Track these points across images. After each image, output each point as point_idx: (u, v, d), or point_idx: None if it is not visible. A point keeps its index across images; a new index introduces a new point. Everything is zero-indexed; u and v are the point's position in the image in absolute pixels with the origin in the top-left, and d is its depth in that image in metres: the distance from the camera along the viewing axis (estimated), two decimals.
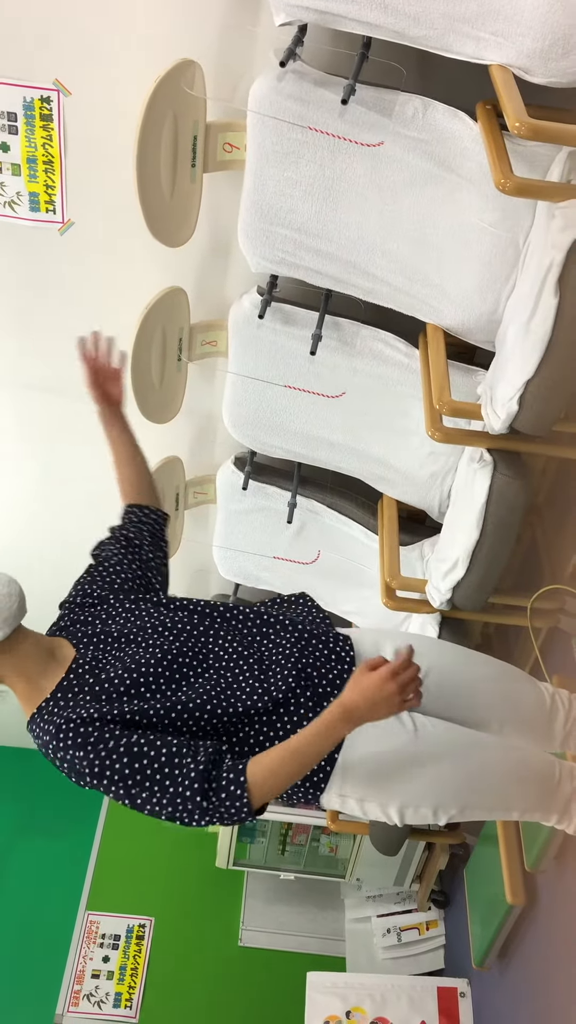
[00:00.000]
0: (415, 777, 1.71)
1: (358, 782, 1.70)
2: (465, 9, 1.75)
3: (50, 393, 2.86)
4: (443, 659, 1.88)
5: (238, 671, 1.71)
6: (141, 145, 1.95)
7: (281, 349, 2.39)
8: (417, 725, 1.74)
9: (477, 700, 1.87)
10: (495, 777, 1.79)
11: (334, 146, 2.00)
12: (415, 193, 2.03)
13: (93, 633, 1.74)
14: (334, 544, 2.81)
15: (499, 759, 1.80)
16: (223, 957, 3.74)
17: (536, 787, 1.83)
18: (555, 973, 2.43)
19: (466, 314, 2.15)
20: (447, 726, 1.77)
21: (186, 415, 2.71)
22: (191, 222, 2.21)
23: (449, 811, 1.74)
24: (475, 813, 1.78)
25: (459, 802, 1.74)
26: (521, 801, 1.83)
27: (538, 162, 1.90)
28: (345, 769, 1.68)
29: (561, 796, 1.84)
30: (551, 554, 2.51)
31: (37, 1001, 3.61)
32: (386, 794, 1.71)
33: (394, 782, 1.71)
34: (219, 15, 2.05)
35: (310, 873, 3.70)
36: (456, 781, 1.74)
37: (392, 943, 3.56)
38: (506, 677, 1.94)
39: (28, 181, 2.37)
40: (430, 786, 1.72)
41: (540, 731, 1.92)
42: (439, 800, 1.73)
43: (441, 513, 2.55)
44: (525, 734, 1.91)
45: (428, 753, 1.72)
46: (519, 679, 1.95)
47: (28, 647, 1.65)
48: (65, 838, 4.04)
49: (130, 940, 3.78)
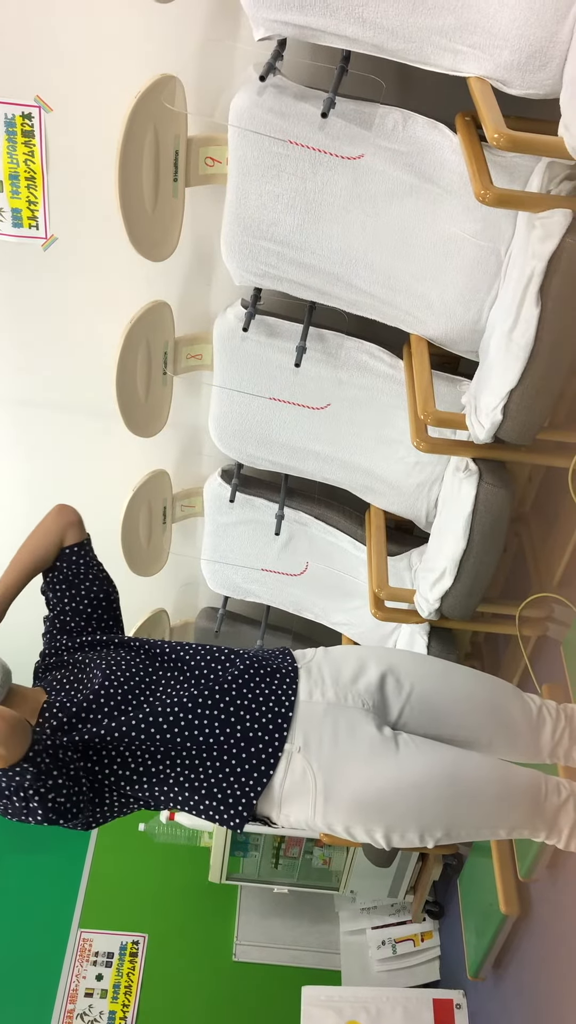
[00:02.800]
0: (398, 804, 1.72)
1: (342, 810, 1.70)
2: (443, 22, 1.76)
3: (34, 407, 2.85)
4: (427, 677, 1.87)
5: (172, 701, 1.73)
6: (123, 160, 1.95)
7: (266, 362, 2.40)
8: (400, 749, 1.73)
9: (462, 717, 1.86)
10: (480, 799, 1.79)
11: (315, 159, 2.01)
12: (396, 205, 2.04)
13: (58, 679, 1.79)
14: (322, 555, 2.81)
15: (483, 781, 1.79)
16: (217, 973, 3.71)
17: (522, 805, 1.82)
18: (550, 982, 2.42)
19: (449, 324, 2.16)
20: (431, 747, 1.77)
21: (172, 428, 2.71)
22: (174, 236, 2.22)
23: (435, 834, 1.74)
24: (462, 834, 1.79)
25: (444, 825, 1.75)
26: (507, 820, 1.83)
27: (518, 173, 1.92)
28: (328, 798, 1.68)
29: (548, 812, 1.84)
30: (538, 562, 2.52)
31: (30, 1021, 3.58)
32: (371, 821, 1.71)
33: (378, 809, 1.71)
34: (199, 30, 2.06)
35: (304, 886, 3.68)
36: (440, 806, 1.74)
37: (387, 955, 3.54)
38: (491, 691, 1.93)
39: (11, 197, 2.37)
40: (414, 812, 1.72)
41: (527, 744, 1.91)
42: (424, 825, 1.73)
43: (428, 523, 2.55)
44: (512, 748, 1.90)
45: (411, 780, 1.72)
46: (504, 692, 1.94)
47: (26, 713, 1.67)
48: (57, 855, 4.01)
49: (123, 957, 3.75)
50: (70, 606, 1.87)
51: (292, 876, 3.66)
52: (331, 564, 2.82)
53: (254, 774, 1.69)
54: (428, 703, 1.83)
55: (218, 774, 1.69)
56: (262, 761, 1.70)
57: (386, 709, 1.81)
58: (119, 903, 3.89)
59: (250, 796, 1.69)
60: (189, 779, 1.70)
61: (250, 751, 1.70)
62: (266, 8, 1.82)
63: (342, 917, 3.75)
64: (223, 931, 3.81)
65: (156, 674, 1.77)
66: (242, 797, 1.69)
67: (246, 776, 1.69)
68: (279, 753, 1.70)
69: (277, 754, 1.70)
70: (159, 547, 2.98)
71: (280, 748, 1.70)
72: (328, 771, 1.69)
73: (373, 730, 1.73)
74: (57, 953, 3.75)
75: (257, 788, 1.69)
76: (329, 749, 1.70)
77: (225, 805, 1.70)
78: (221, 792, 1.70)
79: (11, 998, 3.64)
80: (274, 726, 1.71)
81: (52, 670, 1.84)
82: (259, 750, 1.70)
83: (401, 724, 1.82)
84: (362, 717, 1.75)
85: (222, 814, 1.70)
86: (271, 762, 1.69)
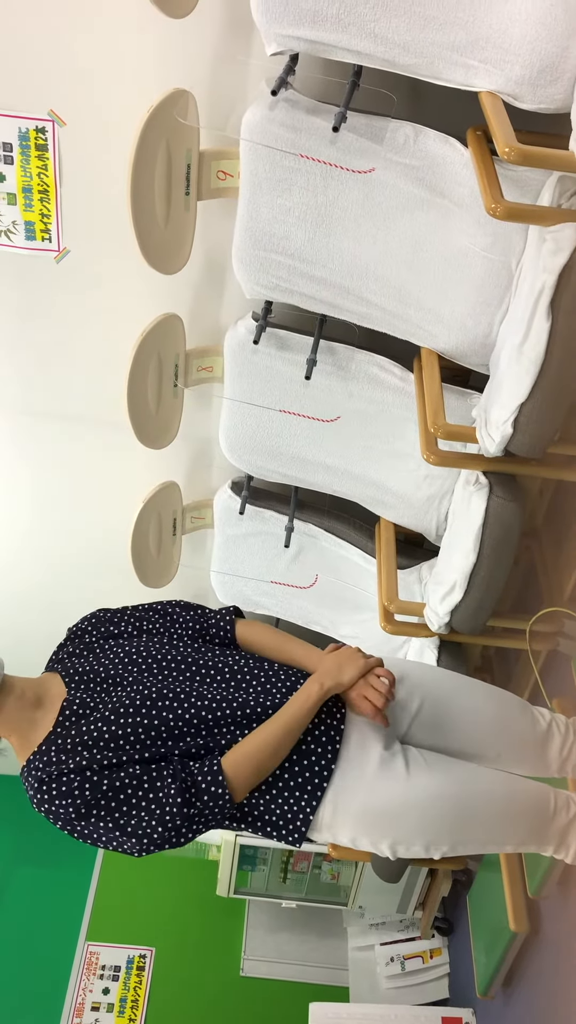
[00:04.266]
0: (406, 818, 1.71)
1: (348, 822, 1.68)
2: (454, 37, 1.77)
3: (45, 419, 2.86)
4: (437, 690, 1.86)
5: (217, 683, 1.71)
6: (135, 174, 1.96)
7: (276, 374, 2.40)
8: (409, 763, 1.72)
9: (471, 731, 1.85)
10: (487, 813, 1.78)
11: (326, 173, 2.02)
12: (407, 218, 2.05)
13: (86, 670, 1.73)
14: (332, 568, 2.81)
15: (491, 795, 1.78)
16: (224, 987, 3.69)
17: (530, 820, 1.81)
18: (560, 1001, 2.40)
19: (460, 338, 2.16)
20: (440, 762, 1.76)
21: (183, 440, 2.71)
22: (185, 249, 2.23)
23: (441, 848, 1.73)
24: (468, 848, 1.77)
25: (451, 839, 1.73)
26: (515, 835, 1.81)
27: (529, 186, 1.92)
28: (336, 810, 1.67)
29: (557, 827, 1.83)
30: (549, 576, 2.50)
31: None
32: (377, 833, 1.70)
33: (385, 823, 1.70)
34: (211, 45, 2.08)
35: (312, 901, 3.66)
36: (447, 820, 1.73)
37: (396, 972, 3.51)
38: (500, 705, 1.92)
39: (24, 210, 2.39)
40: (421, 825, 1.71)
41: (536, 758, 1.90)
42: (430, 838, 1.72)
43: (438, 536, 2.55)
44: (521, 762, 1.89)
45: (419, 794, 1.70)
46: (513, 706, 1.93)
47: (11, 704, 1.65)
48: (64, 868, 4.00)
49: (130, 971, 3.73)
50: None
51: (300, 891, 3.64)
52: (341, 577, 2.81)
53: (308, 788, 1.67)
54: (437, 716, 1.82)
55: (272, 790, 1.67)
56: (317, 775, 1.68)
57: (395, 721, 1.80)
58: (126, 916, 3.88)
59: (307, 812, 1.67)
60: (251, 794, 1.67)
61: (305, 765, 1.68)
62: (278, 23, 1.83)
63: (350, 933, 3.73)
64: (231, 945, 3.79)
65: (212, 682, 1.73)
66: (300, 812, 1.67)
67: (300, 790, 1.67)
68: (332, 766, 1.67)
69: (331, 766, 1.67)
70: (169, 559, 2.98)
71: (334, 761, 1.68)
72: (338, 783, 1.67)
73: (380, 747, 1.72)
74: (64, 966, 3.73)
75: (312, 803, 1.66)
76: (341, 763, 1.69)
77: (284, 820, 1.67)
78: (279, 808, 1.67)
79: (18, 1011, 3.63)
80: (328, 739, 1.69)
81: (77, 657, 1.77)
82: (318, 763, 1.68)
83: (409, 736, 1.81)
84: (372, 731, 1.74)
85: (279, 830, 1.68)
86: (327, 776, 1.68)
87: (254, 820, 1.68)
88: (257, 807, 1.66)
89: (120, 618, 1.84)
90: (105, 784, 1.56)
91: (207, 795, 1.57)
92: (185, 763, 1.60)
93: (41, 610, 3.19)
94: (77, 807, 1.55)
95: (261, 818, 1.67)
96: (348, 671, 1.70)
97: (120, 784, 1.57)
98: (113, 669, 1.71)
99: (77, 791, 1.55)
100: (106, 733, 1.61)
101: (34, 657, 1.93)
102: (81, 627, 1.84)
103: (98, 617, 1.85)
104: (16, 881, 4.01)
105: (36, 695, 1.68)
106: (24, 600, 3.40)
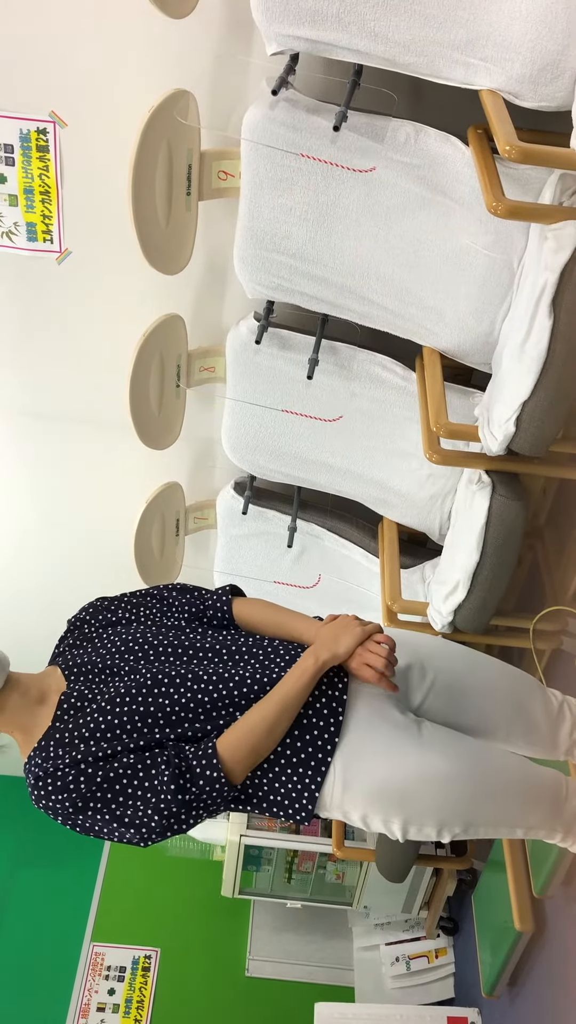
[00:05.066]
0: (421, 796, 1.67)
1: (359, 799, 1.65)
2: (455, 36, 1.77)
3: (47, 420, 2.87)
4: (451, 665, 1.84)
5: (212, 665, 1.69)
6: (136, 175, 1.97)
7: (278, 374, 2.40)
8: (424, 736, 1.69)
9: (484, 707, 1.83)
10: (503, 797, 1.76)
11: (327, 172, 2.02)
12: (409, 217, 2.04)
13: (84, 662, 1.72)
14: (335, 567, 2.81)
15: (507, 775, 1.76)
16: (230, 988, 3.69)
17: (542, 804, 1.80)
18: (566, 1000, 2.39)
19: (462, 336, 2.16)
20: (456, 739, 1.73)
21: (185, 441, 2.72)
22: (187, 250, 2.23)
23: (453, 829, 1.70)
24: (480, 831, 1.75)
25: (464, 820, 1.71)
26: (526, 818, 1.79)
27: (530, 185, 1.92)
28: (347, 785, 1.64)
29: (567, 813, 1.81)
30: (552, 575, 2.50)
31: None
32: (390, 810, 1.67)
33: (399, 800, 1.67)
34: (212, 45, 2.08)
35: (317, 901, 3.66)
36: (461, 799, 1.70)
37: (401, 972, 3.51)
38: (514, 683, 1.90)
39: (25, 211, 2.39)
40: (435, 804, 1.68)
41: (545, 739, 1.88)
42: (443, 818, 1.69)
43: (442, 535, 2.55)
44: (530, 742, 1.87)
45: (436, 773, 1.68)
46: (527, 685, 1.91)
47: (15, 701, 1.64)
48: (69, 868, 4.01)
49: (136, 972, 3.73)
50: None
51: (305, 891, 3.64)
52: (344, 576, 2.81)
53: (312, 763, 1.64)
54: (451, 691, 1.80)
55: (275, 767, 1.64)
56: (320, 749, 1.65)
57: (408, 696, 1.78)
58: (131, 917, 3.88)
59: (312, 788, 1.64)
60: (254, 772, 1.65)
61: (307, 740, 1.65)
62: (278, 23, 1.83)
63: (355, 933, 3.72)
64: (236, 946, 3.79)
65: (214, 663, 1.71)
66: (305, 790, 1.64)
67: (304, 766, 1.64)
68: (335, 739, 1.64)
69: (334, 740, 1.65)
70: (172, 559, 2.98)
71: (337, 734, 1.65)
72: (348, 758, 1.64)
73: (392, 720, 1.69)
74: (69, 967, 3.74)
75: (317, 779, 1.63)
76: (350, 736, 1.66)
77: (289, 799, 1.64)
78: (283, 786, 1.64)
79: (24, 1012, 3.63)
80: (330, 711, 1.67)
81: (77, 648, 1.76)
82: (320, 738, 1.65)
83: (423, 711, 1.79)
84: (383, 703, 1.71)
85: (285, 809, 1.65)
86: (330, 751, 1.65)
87: (259, 801, 1.65)
88: (261, 787, 1.64)
89: (118, 606, 1.82)
90: (99, 776, 1.55)
91: (203, 779, 1.54)
92: (180, 748, 1.58)
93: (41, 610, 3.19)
94: (73, 800, 1.54)
95: (266, 798, 1.64)
96: (344, 641, 1.65)
97: (114, 775, 1.55)
98: (110, 659, 1.70)
99: (72, 785, 1.54)
100: (103, 724, 1.59)
101: (34, 657, 1.93)
102: (80, 617, 1.83)
103: (95, 606, 1.84)
104: (21, 882, 4.01)
105: (40, 691, 1.68)
106: (24, 600, 3.40)
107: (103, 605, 1.84)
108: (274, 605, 1.85)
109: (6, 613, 3.44)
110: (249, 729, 1.58)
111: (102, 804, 1.55)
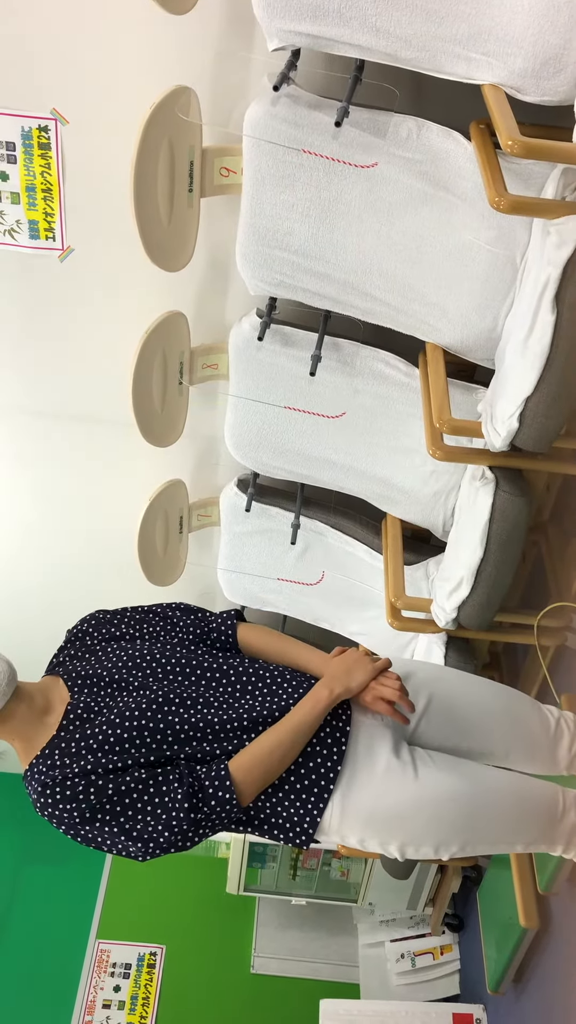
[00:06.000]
0: (415, 820, 1.70)
1: (357, 825, 1.67)
2: (456, 31, 1.76)
3: (50, 418, 2.87)
4: (445, 689, 1.85)
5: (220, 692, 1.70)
6: (138, 172, 1.96)
7: (281, 371, 2.40)
8: (418, 763, 1.71)
9: (480, 730, 1.84)
10: (497, 814, 1.77)
11: (329, 168, 2.01)
12: (411, 213, 2.04)
13: (88, 673, 1.72)
14: (338, 564, 2.80)
15: (501, 795, 1.77)
16: (235, 985, 3.69)
17: (539, 820, 1.80)
18: (571, 996, 2.39)
19: (465, 332, 2.15)
20: (449, 763, 1.75)
21: (188, 438, 2.71)
22: (189, 247, 2.23)
23: (450, 848, 1.72)
24: (478, 848, 1.77)
25: (461, 840, 1.72)
26: (524, 836, 1.80)
27: (533, 179, 1.91)
28: (344, 812, 1.66)
29: (565, 827, 1.82)
30: (557, 571, 2.50)
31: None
32: (386, 835, 1.69)
33: (395, 825, 1.69)
34: (213, 42, 2.07)
35: (322, 898, 3.66)
36: (457, 821, 1.72)
37: (406, 968, 3.51)
38: (509, 703, 1.91)
39: (27, 209, 2.39)
40: (431, 826, 1.70)
41: (545, 756, 1.89)
42: (440, 839, 1.71)
43: (445, 532, 2.54)
44: (530, 760, 1.88)
45: (429, 795, 1.69)
46: (522, 705, 1.92)
47: (22, 711, 1.64)
48: (74, 866, 4.01)
49: (141, 969, 3.74)
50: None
51: (310, 888, 3.64)
52: (347, 573, 2.81)
53: (315, 790, 1.66)
54: (445, 716, 1.81)
55: (278, 792, 1.66)
56: (323, 777, 1.67)
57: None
58: (137, 914, 3.89)
59: (313, 815, 1.66)
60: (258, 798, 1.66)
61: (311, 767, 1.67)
62: (280, 19, 1.82)
63: (360, 929, 3.73)
64: (241, 943, 3.79)
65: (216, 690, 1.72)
66: (307, 815, 1.66)
67: (307, 793, 1.66)
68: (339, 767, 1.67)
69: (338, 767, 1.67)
70: (176, 557, 2.98)
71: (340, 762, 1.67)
72: (347, 787, 1.67)
73: (389, 749, 1.71)
74: (75, 964, 3.74)
75: (320, 806, 1.66)
76: (350, 766, 1.68)
77: (291, 823, 1.66)
78: (285, 811, 1.66)
79: (29, 1009, 3.64)
80: (334, 740, 1.69)
81: (77, 660, 1.76)
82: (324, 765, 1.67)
83: (417, 736, 1.80)
84: (380, 732, 1.73)
85: (287, 832, 1.67)
86: (333, 777, 1.67)
87: (261, 823, 1.67)
88: (263, 810, 1.66)
89: (120, 620, 1.83)
90: (111, 788, 1.55)
91: (214, 800, 1.57)
92: (192, 767, 1.60)
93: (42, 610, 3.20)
94: (82, 811, 1.55)
95: (267, 821, 1.66)
96: (357, 676, 1.69)
97: (126, 788, 1.56)
98: (116, 672, 1.70)
99: (82, 795, 1.55)
100: (111, 736, 1.60)
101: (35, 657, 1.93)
102: (81, 628, 1.83)
103: (97, 619, 1.83)
104: (27, 880, 4.02)
105: (45, 700, 1.68)
106: (25, 600, 3.40)
107: (104, 618, 1.84)
108: (278, 633, 1.88)
109: (7, 613, 3.44)
110: (263, 753, 1.61)
111: (111, 816, 1.55)
